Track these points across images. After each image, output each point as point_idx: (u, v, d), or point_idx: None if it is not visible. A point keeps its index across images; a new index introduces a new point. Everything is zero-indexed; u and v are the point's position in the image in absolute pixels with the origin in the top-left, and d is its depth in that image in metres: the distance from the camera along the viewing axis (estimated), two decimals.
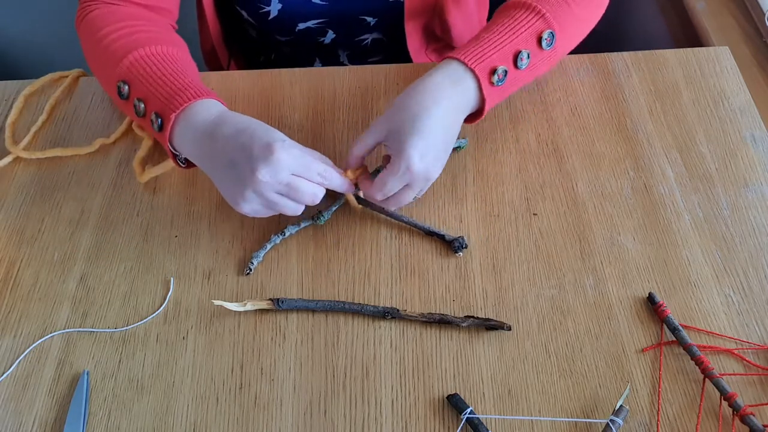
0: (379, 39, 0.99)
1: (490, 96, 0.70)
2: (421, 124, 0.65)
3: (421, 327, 0.66)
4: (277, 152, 0.61)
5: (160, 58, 0.71)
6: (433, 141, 0.66)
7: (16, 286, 0.70)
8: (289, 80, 0.87)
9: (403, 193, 0.67)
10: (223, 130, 0.64)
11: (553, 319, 0.66)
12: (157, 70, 0.69)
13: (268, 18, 0.93)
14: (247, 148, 0.62)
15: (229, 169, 0.63)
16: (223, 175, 0.64)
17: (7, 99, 0.87)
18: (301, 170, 0.63)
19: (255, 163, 0.61)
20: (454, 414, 0.61)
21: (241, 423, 0.61)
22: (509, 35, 0.70)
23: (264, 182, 0.61)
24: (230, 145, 0.63)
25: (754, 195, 0.74)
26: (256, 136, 0.62)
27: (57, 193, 0.77)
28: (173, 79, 0.68)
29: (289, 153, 0.62)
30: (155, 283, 0.70)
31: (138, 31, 0.74)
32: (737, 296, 0.67)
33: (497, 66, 0.69)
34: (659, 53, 0.88)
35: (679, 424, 0.60)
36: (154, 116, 0.67)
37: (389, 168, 0.66)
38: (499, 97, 0.72)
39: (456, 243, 0.70)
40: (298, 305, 0.67)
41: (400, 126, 0.66)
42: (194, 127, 0.65)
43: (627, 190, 0.75)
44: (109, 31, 0.74)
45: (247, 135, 0.63)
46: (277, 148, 0.61)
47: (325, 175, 0.65)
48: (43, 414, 0.62)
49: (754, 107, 0.81)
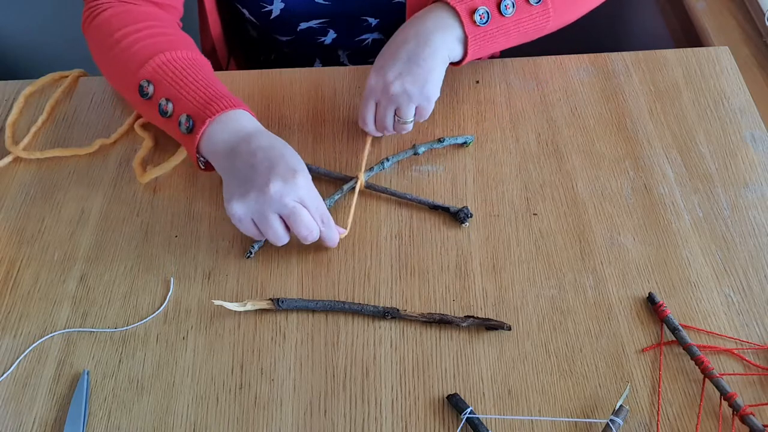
0: (380, 40, 0.99)
1: (473, 35, 0.73)
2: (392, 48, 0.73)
3: (421, 327, 0.66)
4: (298, 178, 0.64)
5: (190, 63, 0.72)
6: (395, 57, 0.72)
7: (16, 286, 0.70)
8: (289, 80, 0.87)
9: (385, 116, 0.74)
10: (259, 141, 0.66)
11: (553, 319, 0.66)
12: (189, 75, 0.71)
13: (269, 17, 0.93)
14: (273, 163, 0.64)
15: (247, 171, 0.64)
16: (237, 173, 0.65)
17: (7, 99, 0.87)
18: (310, 203, 0.65)
19: (273, 177, 0.63)
20: (454, 414, 0.61)
21: (241, 423, 0.61)
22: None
23: (272, 195, 0.63)
24: (259, 155, 0.65)
25: (754, 195, 0.74)
26: (286, 158, 0.65)
27: (57, 193, 0.77)
28: (208, 85, 0.70)
29: (308, 184, 0.65)
30: (155, 283, 0.70)
31: (160, 33, 0.75)
32: (737, 296, 0.67)
33: (478, 6, 0.72)
34: (659, 53, 0.88)
35: (679, 424, 0.60)
36: (184, 118, 0.68)
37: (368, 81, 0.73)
38: (486, 42, 0.74)
39: (461, 213, 0.72)
40: (298, 305, 0.67)
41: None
42: (230, 131, 0.67)
43: (627, 190, 0.75)
44: (129, 32, 0.74)
45: (278, 153, 0.65)
46: (300, 176, 0.64)
47: (326, 222, 0.67)
48: (43, 414, 0.62)
49: (754, 107, 0.81)
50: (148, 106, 0.72)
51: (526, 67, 0.87)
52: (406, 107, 0.73)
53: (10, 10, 1.54)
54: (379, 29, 0.97)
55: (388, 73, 0.72)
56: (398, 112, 0.73)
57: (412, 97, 0.72)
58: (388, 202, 0.75)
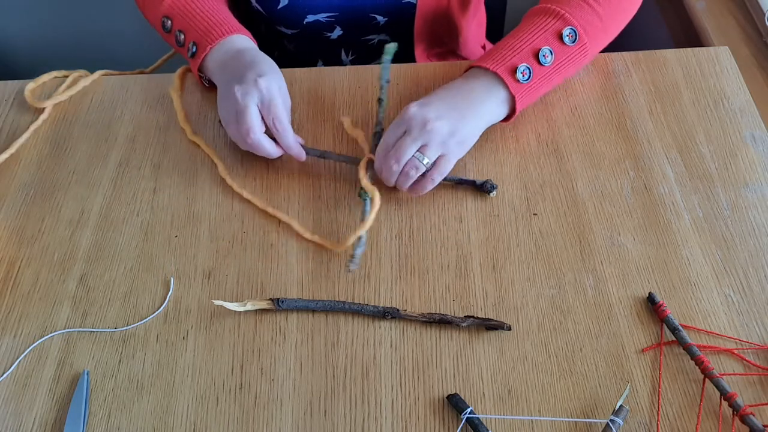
0: (386, 41, 0.99)
1: (519, 94, 0.74)
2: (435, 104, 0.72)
3: (421, 327, 0.66)
4: (260, 81, 0.73)
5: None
6: (443, 103, 0.72)
7: (16, 286, 0.70)
8: (289, 80, 0.86)
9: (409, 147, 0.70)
10: (244, 56, 0.77)
11: (553, 319, 0.66)
12: (195, 6, 0.81)
13: (277, 6, 0.93)
14: (245, 69, 0.75)
15: (228, 79, 0.75)
16: (222, 84, 0.76)
17: (7, 99, 0.87)
18: (265, 103, 0.73)
19: (240, 80, 0.73)
20: (454, 414, 0.61)
21: (241, 423, 0.61)
22: (528, 37, 0.75)
23: (234, 94, 0.72)
24: (238, 66, 0.75)
25: (754, 195, 0.74)
26: (257, 65, 0.75)
27: (57, 193, 0.77)
28: (212, 14, 0.80)
29: (269, 87, 0.73)
30: (155, 283, 0.70)
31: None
32: (737, 296, 0.67)
33: (518, 64, 0.73)
34: (659, 53, 0.88)
35: (679, 424, 0.60)
36: (191, 44, 0.80)
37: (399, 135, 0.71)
38: (532, 95, 0.75)
39: (488, 185, 0.74)
40: (298, 305, 0.67)
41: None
42: (224, 52, 0.78)
43: (627, 190, 0.75)
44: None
45: (250, 62, 0.76)
46: (262, 80, 0.73)
47: (279, 126, 0.73)
48: (43, 414, 0.62)
49: (754, 107, 0.81)
50: (170, 39, 0.83)
51: None
52: (433, 147, 0.70)
53: (10, 10, 1.54)
54: (386, 29, 0.97)
55: (433, 111, 0.70)
56: (422, 149, 0.70)
57: (445, 143, 0.70)
58: (388, 202, 0.75)
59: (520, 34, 0.76)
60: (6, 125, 0.84)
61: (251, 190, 0.76)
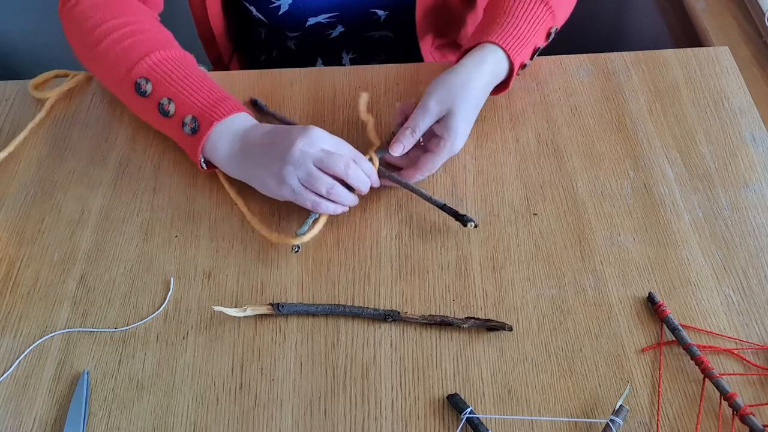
0: (387, 36, 0.99)
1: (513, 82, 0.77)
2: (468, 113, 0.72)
3: (421, 327, 0.66)
4: (313, 128, 0.67)
5: (187, 62, 0.74)
6: (470, 123, 0.74)
7: (16, 286, 0.70)
8: (289, 80, 0.87)
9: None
10: (262, 128, 0.70)
11: (553, 319, 0.66)
12: (189, 75, 0.73)
13: (278, 13, 0.92)
14: (284, 133, 0.68)
15: (268, 150, 0.67)
16: (260, 161, 0.68)
17: (7, 99, 0.87)
18: (336, 147, 0.68)
19: (294, 137, 0.66)
20: (454, 414, 0.61)
21: (241, 423, 0.61)
22: (530, 28, 0.75)
23: (302, 151, 0.66)
24: (269, 136, 0.69)
25: (754, 195, 0.74)
26: (295, 128, 0.68)
27: (57, 193, 0.77)
28: (211, 88, 0.73)
29: (325, 133, 0.68)
30: (155, 283, 0.70)
31: (148, 29, 0.77)
32: (737, 296, 0.67)
33: (526, 62, 0.76)
34: (659, 53, 0.88)
35: (679, 424, 0.60)
36: (189, 119, 0.71)
37: (438, 149, 0.71)
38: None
39: (466, 218, 0.70)
40: (298, 310, 0.67)
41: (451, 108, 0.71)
42: (234, 130, 0.71)
43: (627, 190, 0.75)
44: (113, 26, 0.75)
45: (284, 129, 0.69)
46: (313, 128, 0.68)
47: (358, 160, 0.69)
48: (43, 414, 0.62)
49: (754, 107, 0.81)
50: (144, 104, 0.73)
51: None
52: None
53: (10, 10, 1.54)
54: (387, 25, 0.96)
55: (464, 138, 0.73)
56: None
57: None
58: (388, 202, 0.75)
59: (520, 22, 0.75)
60: (6, 125, 0.84)
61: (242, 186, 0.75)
